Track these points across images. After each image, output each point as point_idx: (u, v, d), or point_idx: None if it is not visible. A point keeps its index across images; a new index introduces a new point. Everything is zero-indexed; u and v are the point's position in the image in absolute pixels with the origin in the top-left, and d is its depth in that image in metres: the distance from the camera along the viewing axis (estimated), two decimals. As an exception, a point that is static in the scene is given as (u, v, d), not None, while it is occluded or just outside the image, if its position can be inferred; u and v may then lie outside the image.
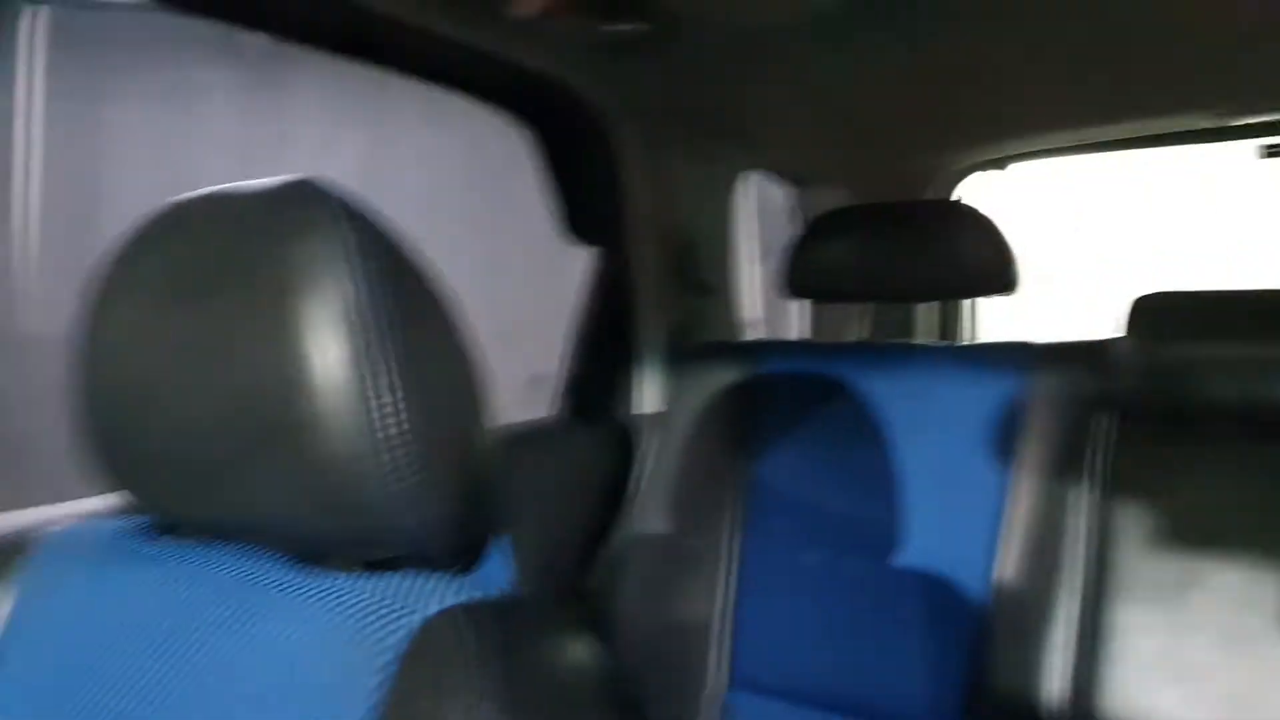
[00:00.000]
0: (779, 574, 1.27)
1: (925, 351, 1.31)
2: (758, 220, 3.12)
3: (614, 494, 1.41)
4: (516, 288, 2.69)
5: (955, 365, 1.26)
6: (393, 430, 0.44)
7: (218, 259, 0.47)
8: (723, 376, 1.38)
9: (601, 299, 1.47)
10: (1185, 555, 1.04)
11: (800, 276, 1.37)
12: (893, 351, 1.33)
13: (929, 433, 1.24)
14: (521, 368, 1.79)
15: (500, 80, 1.28)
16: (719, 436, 1.36)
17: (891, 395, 1.28)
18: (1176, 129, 1.56)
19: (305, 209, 0.46)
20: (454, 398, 0.50)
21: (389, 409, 0.44)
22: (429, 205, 2.53)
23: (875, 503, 1.24)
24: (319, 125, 2.66)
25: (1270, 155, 1.56)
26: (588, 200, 1.43)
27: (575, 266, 1.49)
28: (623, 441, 1.45)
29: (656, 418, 1.43)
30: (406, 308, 0.47)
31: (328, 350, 0.44)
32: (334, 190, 0.48)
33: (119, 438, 0.51)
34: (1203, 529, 1.05)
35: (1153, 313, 1.13)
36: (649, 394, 1.48)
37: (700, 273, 1.59)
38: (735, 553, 1.29)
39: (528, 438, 1.36)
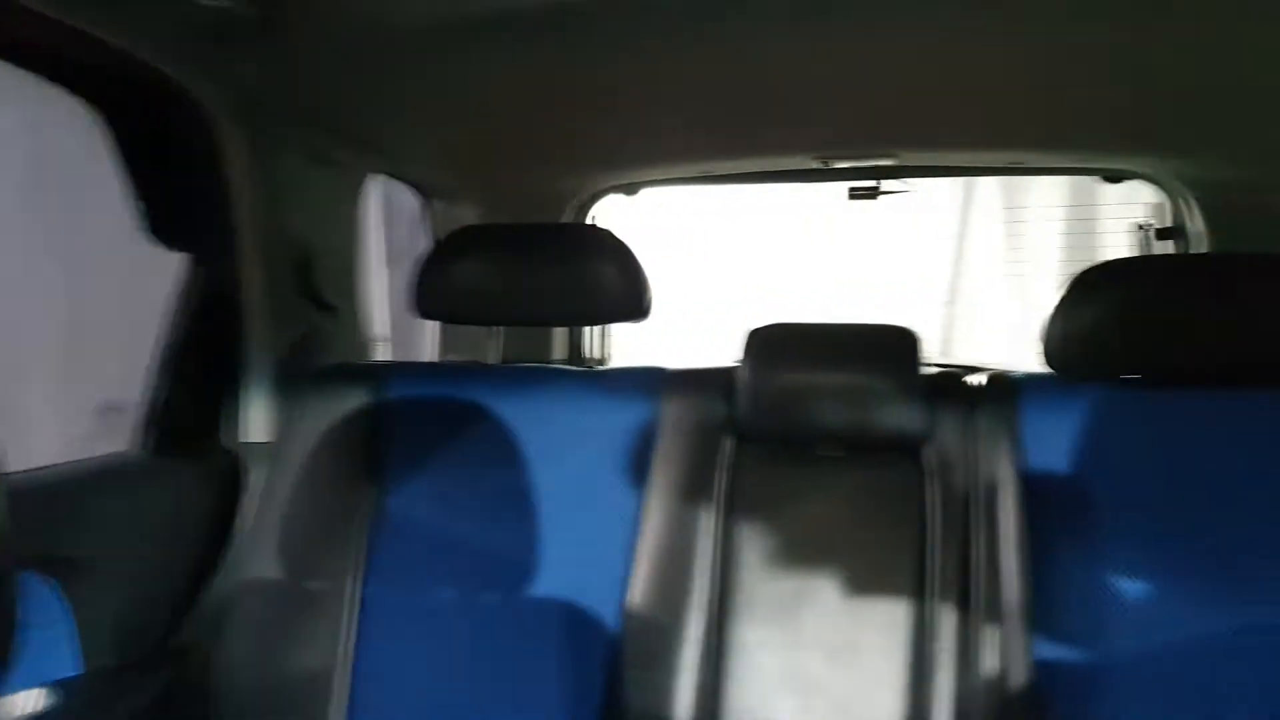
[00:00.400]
0: (407, 615, 1.18)
1: (559, 375, 1.30)
2: (387, 229, 2.99)
3: (216, 535, 1.24)
4: (93, 299, 2.30)
5: (589, 389, 1.26)
6: None
7: None
8: (345, 402, 1.27)
9: (197, 314, 1.28)
10: (798, 573, 1.13)
11: (429, 296, 1.30)
12: (527, 375, 1.30)
13: (563, 458, 1.22)
14: (93, 394, 1.52)
15: (66, 54, 1.06)
16: (341, 467, 1.24)
17: (525, 420, 1.25)
18: (787, 168, 1.72)
19: None
20: None
21: None
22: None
23: (509, 533, 1.20)
24: None
25: (856, 197, 1.77)
26: (182, 201, 1.24)
27: (164, 277, 1.28)
28: (226, 475, 1.27)
29: (266, 448, 1.28)
30: None
31: None
32: None
33: None
34: (813, 547, 1.14)
35: (766, 342, 1.22)
36: (256, 421, 1.31)
37: (320, 286, 1.46)
38: (358, 595, 1.18)
39: (97, 477, 1.14)
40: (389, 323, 2.90)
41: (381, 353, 2.95)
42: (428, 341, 2.09)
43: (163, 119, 1.20)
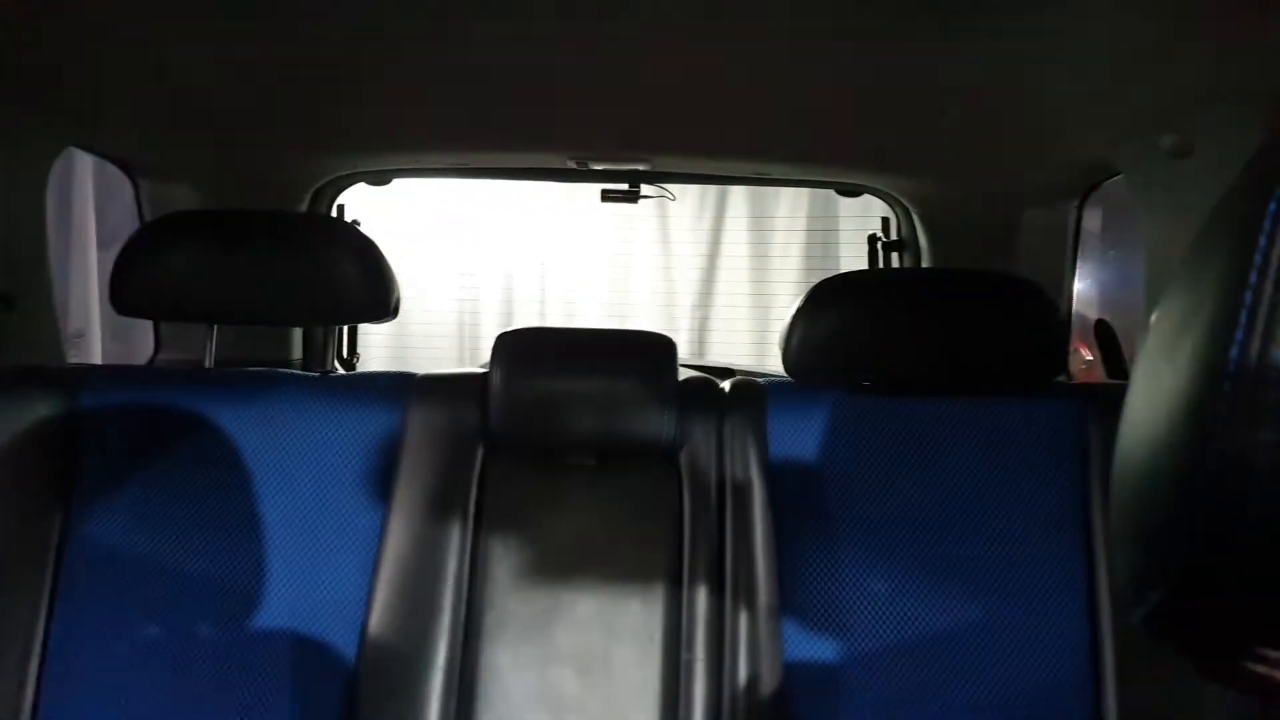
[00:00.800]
0: (103, 654, 1.03)
1: (289, 380, 1.19)
2: (101, 211, 2.65)
3: None
4: None
5: (324, 397, 1.16)
6: None
7: None
8: (31, 410, 1.09)
9: None
10: (551, 587, 1.09)
11: (132, 289, 1.14)
12: (250, 380, 1.17)
13: (293, 473, 1.12)
14: None
15: None
16: (25, 485, 1.06)
17: (248, 430, 1.12)
18: (538, 165, 1.68)
19: None
20: None
21: None
22: None
23: (228, 558, 1.08)
24: None
25: (609, 199, 1.76)
26: None
27: None
28: None
29: None
30: None
31: None
32: None
33: None
34: (566, 559, 1.10)
35: (516, 348, 1.17)
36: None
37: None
38: (41, 633, 1.02)
39: None
40: (99, 319, 2.57)
41: (88, 354, 2.61)
42: (146, 342, 1.86)
43: None
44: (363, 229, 1.32)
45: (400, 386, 1.18)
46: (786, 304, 3.26)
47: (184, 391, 1.14)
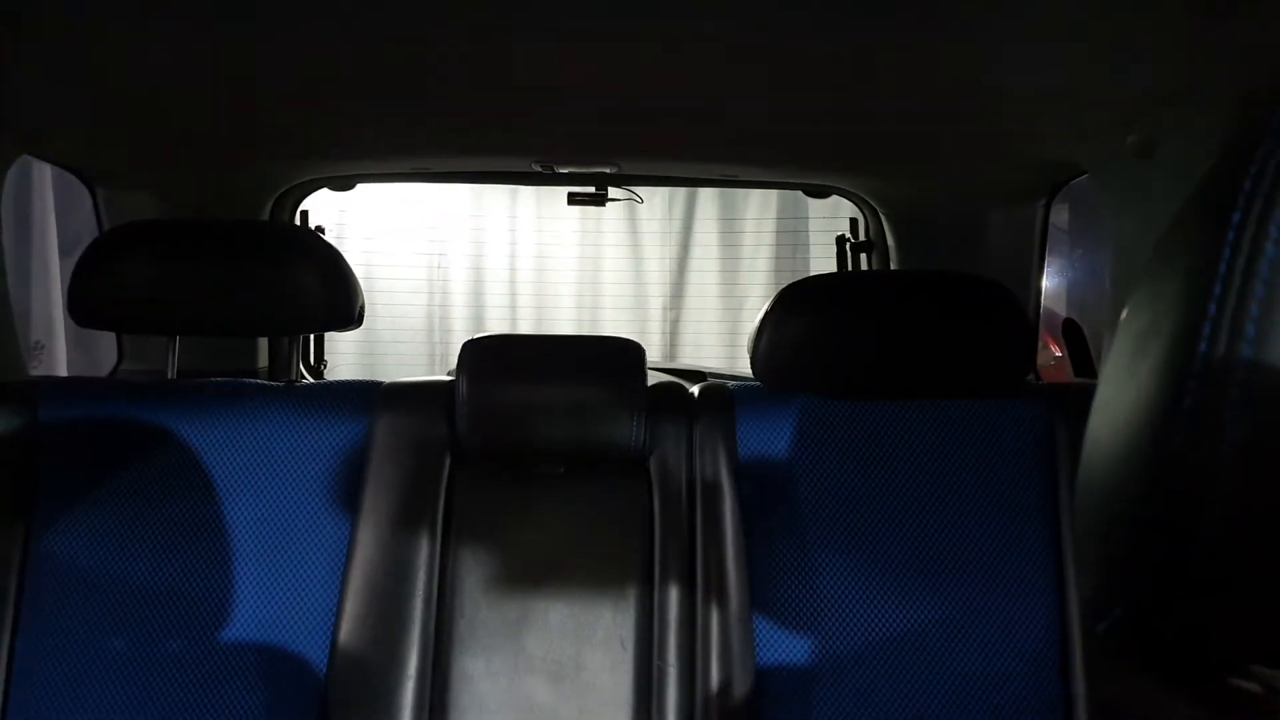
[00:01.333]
0: (68, 672, 1.01)
1: (254, 390, 1.17)
2: (62, 219, 2.59)
3: None
4: None
5: (289, 407, 1.14)
6: None
7: None
8: None
9: None
10: (521, 596, 1.08)
11: (90, 300, 1.12)
12: (214, 391, 1.15)
13: (257, 485, 1.10)
14: None
15: None
16: None
17: (211, 442, 1.11)
18: (503, 169, 1.66)
19: None
20: None
21: None
22: None
23: (194, 572, 1.06)
24: None
25: (575, 203, 1.75)
26: None
27: None
28: None
29: None
30: None
31: None
32: None
33: None
34: (537, 567, 1.09)
35: (483, 355, 1.16)
36: None
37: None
38: (11, 650, 1.00)
39: None
40: (61, 329, 2.52)
41: (50, 365, 2.56)
42: (107, 351, 1.82)
43: None
44: (326, 236, 1.30)
45: (366, 395, 1.16)
46: (757, 305, 3.27)
47: (145, 404, 1.12)
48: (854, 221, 1.90)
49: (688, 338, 3.48)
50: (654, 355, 2.99)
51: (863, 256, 1.87)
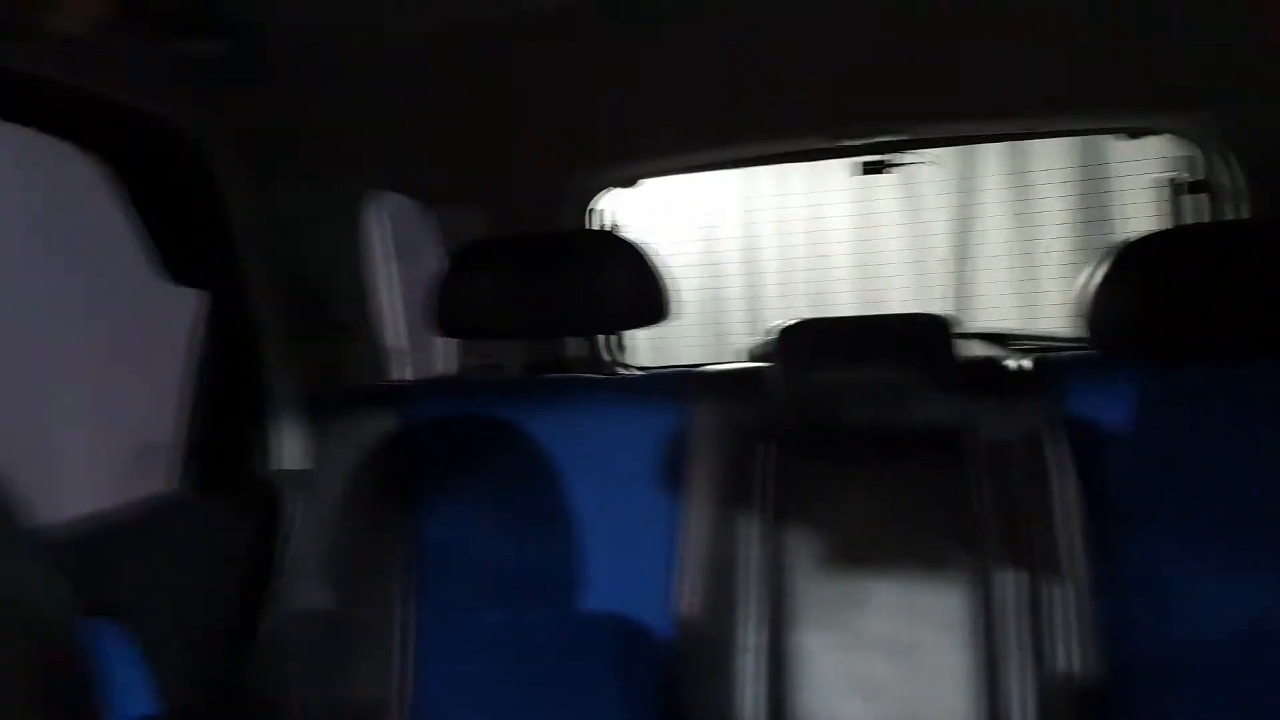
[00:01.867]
0: (458, 638, 1.18)
1: (585, 384, 1.29)
2: (394, 239, 2.95)
3: (262, 567, 1.23)
4: (117, 341, 2.29)
5: (616, 397, 1.25)
6: None
7: None
8: (374, 424, 1.26)
9: (218, 348, 1.27)
10: (850, 573, 1.11)
11: (448, 314, 1.28)
12: (553, 386, 1.29)
13: (596, 469, 1.21)
14: (128, 436, 1.51)
15: (60, 106, 1.06)
16: (377, 491, 1.23)
17: (555, 432, 1.24)
18: (790, 149, 1.69)
19: None
20: None
21: None
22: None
23: (549, 549, 1.19)
24: None
25: (869, 171, 1.73)
26: (189, 238, 1.23)
27: (182, 315, 1.27)
28: (265, 505, 1.27)
29: (301, 475, 1.27)
30: None
31: None
32: None
33: None
34: (862, 546, 1.12)
35: (798, 340, 1.21)
36: (289, 449, 1.30)
37: (333, 309, 1.45)
38: (410, 620, 1.18)
39: (144, 519, 1.14)
40: (405, 333, 2.88)
41: (402, 365, 2.93)
42: (439, 351, 2.06)
43: (165, 162, 1.19)
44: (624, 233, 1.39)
45: (683, 384, 1.24)
46: (1061, 261, 3.05)
47: (498, 400, 1.27)
48: (1185, 160, 1.70)
49: (980, 300, 3.31)
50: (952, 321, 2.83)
51: (1200, 202, 1.67)
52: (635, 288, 1.24)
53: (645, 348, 3.49)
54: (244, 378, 1.29)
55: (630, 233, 1.34)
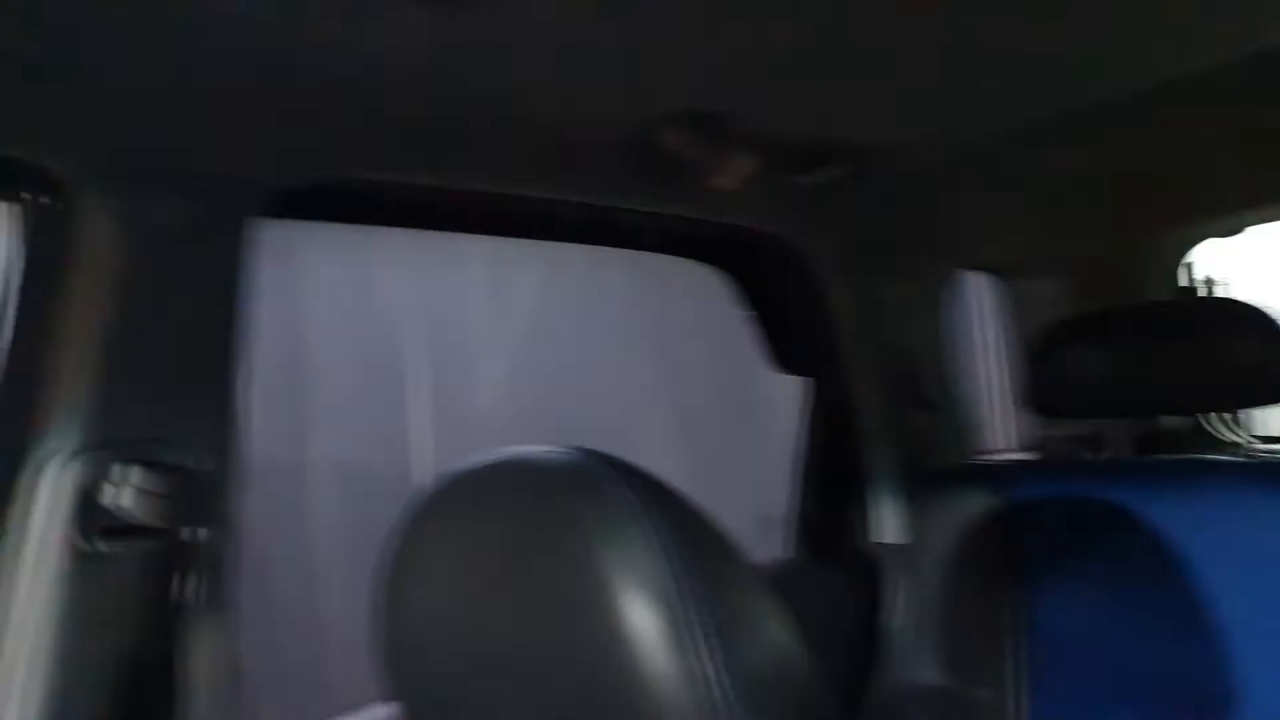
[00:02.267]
0: None
1: (1211, 467, 1.14)
2: (976, 316, 2.94)
3: (865, 636, 1.31)
4: (728, 427, 2.66)
5: (1253, 481, 1.09)
6: (717, 702, 0.43)
7: (517, 534, 0.49)
8: (974, 502, 1.26)
9: (822, 430, 1.42)
10: None
11: (1045, 392, 1.24)
12: (1174, 470, 1.17)
13: (1241, 564, 1.05)
14: (747, 508, 1.73)
15: (691, 235, 1.31)
16: (980, 571, 1.22)
17: (1183, 519, 1.10)
18: None
19: (601, 484, 0.48)
20: (777, 667, 0.49)
21: (709, 683, 0.44)
22: (608, 349, 2.56)
23: (1193, 651, 1.05)
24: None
25: None
26: (795, 332, 1.40)
27: (785, 402, 1.45)
28: (866, 576, 1.35)
29: (901, 549, 1.33)
30: (715, 579, 0.47)
31: (645, 631, 0.44)
32: (619, 461, 0.49)
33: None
34: None
35: None
36: (888, 524, 1.38)
37: (923, 389, 1.51)
38: (1024, 709, 1.13)
39: (774, 579, 1.30)
40: (999, 411, 2.83)
41: (995, 443, 2.87)
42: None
43: (774, 270, 1.38)
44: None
45: None
46: None
47: (1112, 483, 1.18)
48: None
49: None
50: None
51: None
52: (1261, 359, 1.08)
53: (1257, 414, 2.90)
54: (844, 456, 1.41)
55: (1231, 288, 1.17)
